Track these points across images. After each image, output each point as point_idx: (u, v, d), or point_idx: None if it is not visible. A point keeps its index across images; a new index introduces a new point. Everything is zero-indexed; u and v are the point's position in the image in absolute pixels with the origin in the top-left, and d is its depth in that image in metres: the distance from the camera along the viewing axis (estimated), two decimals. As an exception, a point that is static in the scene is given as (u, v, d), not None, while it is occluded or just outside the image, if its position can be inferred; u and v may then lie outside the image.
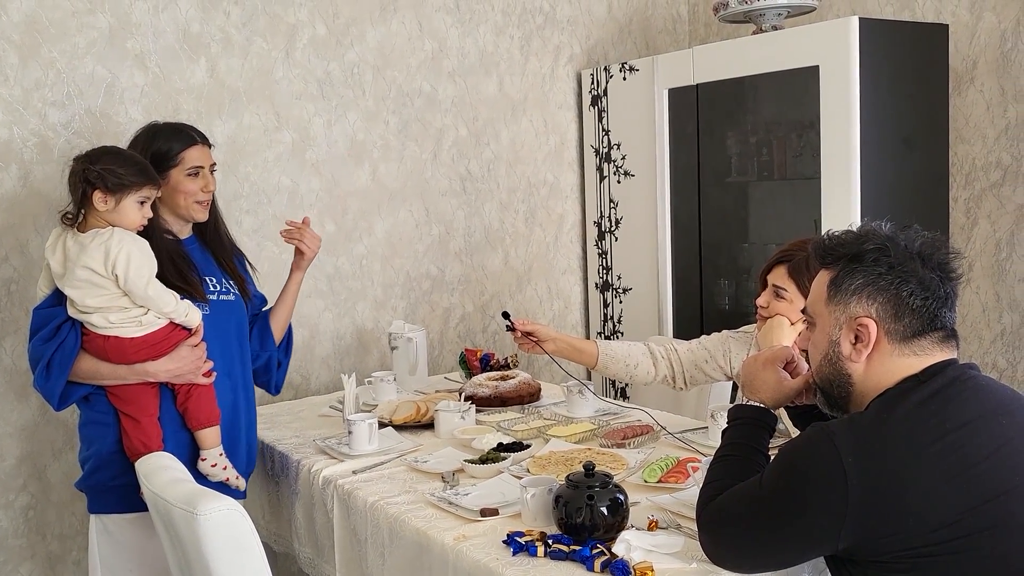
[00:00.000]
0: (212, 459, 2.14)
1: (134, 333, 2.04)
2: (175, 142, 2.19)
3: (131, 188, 2.02)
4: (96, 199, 2.00)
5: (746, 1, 3.10)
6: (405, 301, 3.35)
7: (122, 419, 2.07)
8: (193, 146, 2.20)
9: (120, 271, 1.98)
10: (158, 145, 2.17)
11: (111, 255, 1.98)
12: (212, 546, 1.63)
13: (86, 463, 2.14)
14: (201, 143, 2.23)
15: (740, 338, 2.41)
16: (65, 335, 2.02)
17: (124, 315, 2.03)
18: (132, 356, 2.04)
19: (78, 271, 1.98)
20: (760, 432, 1.63)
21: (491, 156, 3.52)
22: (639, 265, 3.55)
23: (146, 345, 2.05)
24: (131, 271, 1.99)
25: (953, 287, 1.47)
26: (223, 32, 2.91)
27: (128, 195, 2.02)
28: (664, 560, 1.55)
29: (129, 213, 2.03)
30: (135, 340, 2.04)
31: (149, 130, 2.22)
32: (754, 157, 3.25)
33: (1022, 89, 2.91)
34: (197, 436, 2.14)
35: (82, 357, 2.04)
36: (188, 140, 2.20)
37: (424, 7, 3.30)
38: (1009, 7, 2.91)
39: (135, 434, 2.06)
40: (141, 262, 2.01)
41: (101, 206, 2.01)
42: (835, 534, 1.36)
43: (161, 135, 2.20)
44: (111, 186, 2.00)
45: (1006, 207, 2.98)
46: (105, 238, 2.00)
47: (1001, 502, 1.33)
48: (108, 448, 2.08)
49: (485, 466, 2.03)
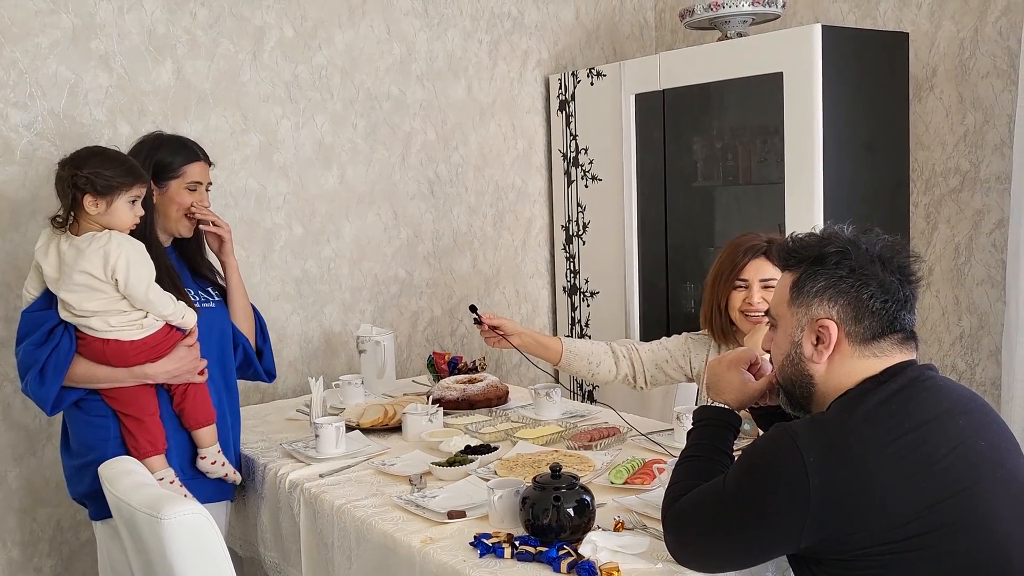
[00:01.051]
0: (211, 456, 2.17)
1: (135, 336, 2.04)
2: (178, 155, 2.23)
3: (121, 189, 2.01)
4: (87, 203, 1.99)
5: (712, 8, 3.14)
6: (373, 304, 3.35)
7: (124, 421, 2.07)
8: (196, 161, 2.25)
9: (120, 275, 1.98)
10: (161, 155, 2.21)
11: (110, 260, 1.98)
12: (177, 551, 1.61)
13: (84, 469, 2.08)
14: (203, 160, 2.27)
15: (700, 340, 2.45)
16: (59, 339, 2.01)
17: (124, 318, 2.03)
18: (133, 359, 2.05)
19: (76, 276, 1.98)
20: (724, 433, 1.65)
21: (459, 160, 3.53)
22: (606, 269, 3.57)
23: (146, 347, 2.05)
24: (131, 275, 1.99)
25: (913, 290, 1.51)
26: (189, 34, 2.89)
27: (119, 196, 2.01)
28: (630, 561, 1.57)
29: (121, 214, 2.03)
30: (135, 343, 2.04)
31: (156, 139, 2.25)
32: (719, 162, 3.28)
33: (980, 97, 2.97)
34: (195, 435, 2.16)
35: (77, 361, 2.02)
36: (192, 155, 2.25)
37: (392, 11, 3.30)
38: (967, 17, 2.98)
39: (141, 434, 2.06)
40: (141, 266, 2.02)
41: (92, 210, 2.00)
42: (797, 533, 1.38)
43: (166, 146, 2.23)
44: (101, 189, 1.99)
45: (965, 212, 3.04)
46: (103, 242, 1.99)
47: (960, 499, 1.36)
48: (112, 452, 2.05)
49: (452, 468, 2.04)
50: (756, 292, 2.26)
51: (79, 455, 2.11)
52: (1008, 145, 2.89)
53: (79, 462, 2.11)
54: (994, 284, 2.98)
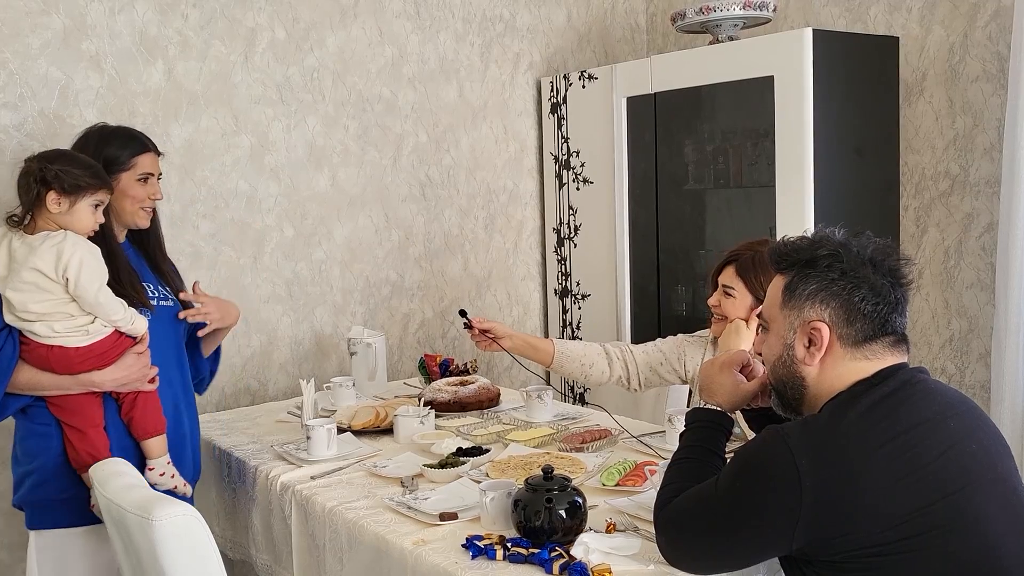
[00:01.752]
0: (160, 468, 2.09)
1: (80, 342, 1.97)
2: (127, 148, 2.16)
3: (87, 191, 1.97)
4: (50, 200, 1.94)
5: (703, 12, 3.15)
6: (364, 307, 3.34)
7: (66, 431, 2.00)
8: (145, 153, 2.19)
9: (72, 275, 1.92)
10: (110, 150, 2.14)
11: (63, 258, 1.92)
12: (168, 553, 1.61)
13: (27, 477, 2.04)
14: (153, 151, 2.22)
15: (695, 341, 2.45)
16: (2, 344, 1.94)
17: (70, 323, 1.96)
18: (78, 366, 1.98)
19: (24, 273, 1.92)
20: (717, 435, 1.65)
21: (451, 162, 3.53)
22: (597, 271, 3.58)
23: (92, 355, 1.99)
24: (83, 276, 1.93)
25: (904, 293, 1.51)
26: (181, 35, 2.88)
27: (83, 198, 1.97)
28: (622, 562, 1.57)
29: (83, 216, 1.98)
30: (80, 350, 1.97)
31: (101, 132, 2.18)
32: (711, 165, 3.29)
33: (969, 101, 2.99)
34: (144, 446, 2.08)
35: (21, 367, 1.96)
36: (140, 147, 2.19)
37: (384, 13, 3.30)
38: (957, 22, 2.99)
39: (82, 446, 1.99)
40: (94, 267, 1.96)
41: (54, 207, 1.95)
42: (789, 535, 1.38)
43: (115, 139, 2.17)
44: (67, 187, 1.95)
45: (954, 216, 3.06)
46: (57, 240, 1.94)
47: (950, 502, 1.37)
48: (53, 461, 2.01)
49: (444, 470, 2.04)
50: (716, 293, 2.32)
51: (22, 462, 2.06)
52: (997, 149, 2.90)
53: (22, 469, 2.06)
54: (983, 287, 2.99)
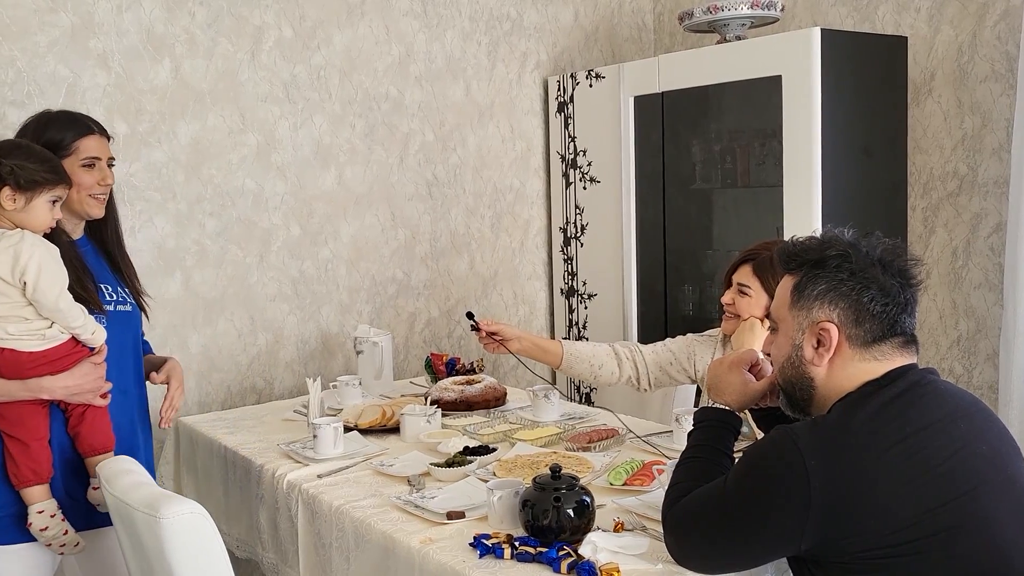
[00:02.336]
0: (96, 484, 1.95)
1: (34, 347, 1.85)
2: (68, 131, 2.01)
3: (44, 186, 1.85)
4: (4, 197, 1.82)
5: (710, 11, 3.14)
6: (370, 305, 3.34)
7: (7, 442, 1.88)
8: (89, 135, 2.03)
9: (30, 279, 1.80)
10: (51, 134, 1.99)
11: (21, 261, 1.80)
12: (175, 550, 1.61)
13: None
14: (98, 133, 2.06)
15: (705, 341, 2.44)
16: None
17: (25, 327, 1.84)
18: (29, 371, 1.85)
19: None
20: (725, 434, 1.65)
21: (457, 161, 3.53)
22: (604, 271, 3.57)
23: (45, 360, 1.86)
24: (42, 280, 1.81)
25: (913, 293, 1.51)
26: (188, 33, 2.88)
27: (40, 194, 1.85)
28: (630, 561, 1.56)
29: (40, 214, 1.86)
30: (34, 354, 1.85)
31: (41, 118, 2.04)
32: (718, 165, 3.29)
33: (978, 101, 2.98)
34: (88, 463, 1.96)
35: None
36: (84, 129, 2.03)
37: (391, 11, 3.30)
38: (966, 21, 2.98)
39: (23, 460, 1.86)
40: (54, 271, 1.84)
41: (9, 204, 1.83)
42: (798, 535, 1.38)
43: (54, 123, 2.02)
44: (23, 183, 1.82)
45: (962, 216, 3.05)
46: (14, 241, 1.82)
47: (960, 503, 1.36)
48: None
49: (451, 469, 2.03)
50: (730, 291, 2.31)
51: None
52: (1006, 149, 2.89)
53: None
54: (992, 288, 2.98)
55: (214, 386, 3.01)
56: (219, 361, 3.02)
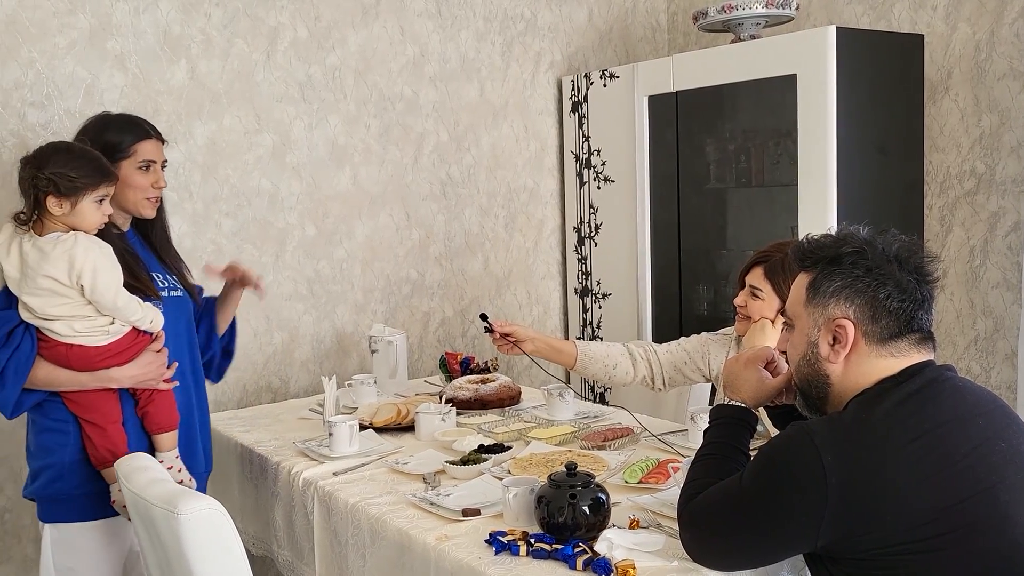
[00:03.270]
0: (169, 462, 2.07)
1: (100, 342, 1.96)
2: (128, 134, 2.09)
3: (86, 190, 1.90)
4: (51, 204, 1.89)
5: (725, 10, 3.14)
6: (385, 305, 3.35)
7: (85, 427, 1.99)
8: (147, 140, 2.11)
9: (87, 282, 1.89)
10: (109, 136, 2.07)
11: (76, 265, 1.88)
12: (192, 545, 1.62)
13: (42, 471, 2.03)
14: (155, 138, 2.14)
15: (719, 340, 2.44)
16: (19, 341, 1.92)
17: (89, 323, 1.94)
18: (98, 364, 1.97)
19: (40, 280, 1.88)
20: (741, 431, 1.65)
21: (472, 161, 3.53)
22: (618, 270, 3.57)
23: (111, 353, 1.98)
24: (99, 282, 1.90)
25: (930, 290, 1.50)
26: (204, 34, 2.90)
27: (84, 197, 1.91)
28: (645, 558, 1.56)
29: (87, 215, 1.92)
30: (100, 348, 1.96)
31: (101, 120, 2.12)
32: (732, 164, 3.28)
33: (996, 99, 2.96)
34: (155, 439, 2.07)
35: (39, 364, 1.94)
36: (142, 133, 2.11)
37: (406, 12, 3.31)
38: (983, 18, 2.97)
39: (101, 443, 1.98)
40: (109, 272, 1.92)
41: (57, 211, 1.89)
42: (814, 532, 1.37)
43: (113, 126, 2.10)
44: (64, 191, 1.88)
45: (980, 215, 3.03)
46: (68, 246, 1.89)
47: (978, 501, 1.35)
48: (70, 457, 2.00)
49: (466, 467, 2.04)
50: (742, 293, 2.30)
51: (37, 457, 2.05)
52: (1024, 147, 2.88)
53: (37, 464, 2.05)
54: (1010, 287, 2.96)
55: (230, 385, 3.02)
56: (235, 360, 3.00)
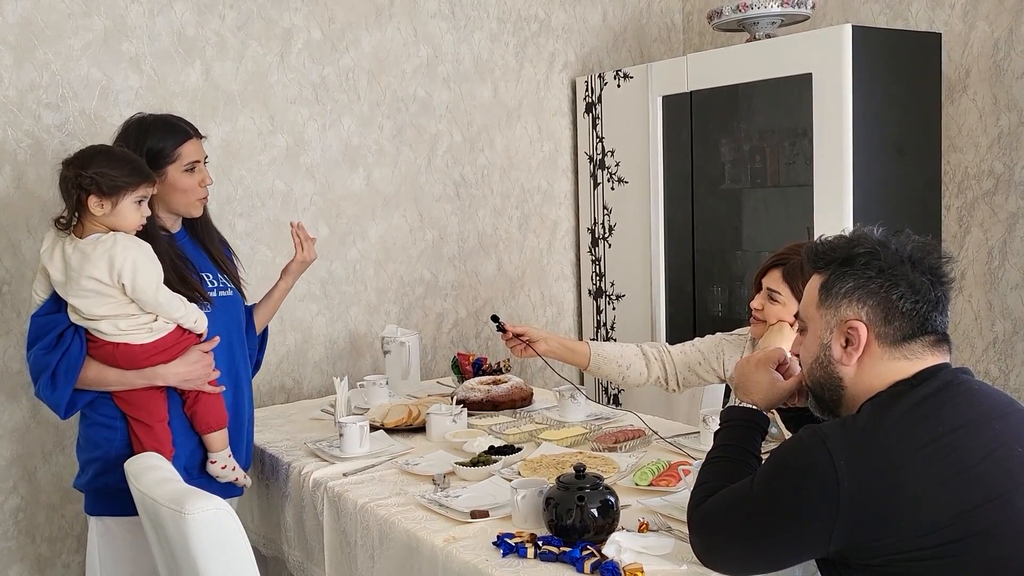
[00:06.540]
0: (222, 461, 2.13)
1: (145, 339, 2.00)
2: (168, 139, 2.11)
3: (127, 189, 1.95)
4: (92, 204, 1.93)
5: (740, 9, 3.12)
6: (398, 306, 3.35)
7: (133, 425, 2.03)
8: (188, 141, 2.14)
9: (127, 280, 1.93)
10: (151, 143, 2.10)
11: (116, 264, 1.92)
12: (200, 545, 1.62)
13: (90, 464, 2.08)
14: (195, 136, 2.17)
15: (734, 341, 2.42)
16: (69, 343, 1.96)
17: (134, 322, 1.98)
18: (143, 361, 2.01)
19: (83, 281, 1.92)
20: (752, 434, 1.63)
21: (485, 162, 3.53)
22: (632, 272, 3.55)
23: (157, 350, 2.01)
24: (139, 280, 1.93)
25: (944, 291, 1.47)
26: (218, 35, 2.91)
27: (124, 197, 1.95)
28: (654, 562, 1.55)
29: (127, 215, 1.96)
30: (146, 346, 2.00)
31: (140, 125, 2.13)
32: (747, 164, 3.26)
33: (1014, 98, 2.92)
34: (206, 440, 2.11)
35: (88, 364, 1.98)
36: (182, 135, 2.14)
37: (419, 13, 3.31)
38: (1002, 17, 2.93)
39: (148, 440, 2.02)
40: (148, 269, 1.96)
41: (98, 211, 1.94)
42: (826, 536, 1.35)
43: (153, 131, 2.12)
44: (106, 190, 1.93)
45: (998, 215, 2.99)
46: (108, 246, 1.93)
47: (995, 506, 1.33)
48: (117, 452, 2.03)
49: (476, 468, 2.03)
50: (759, 296, 2.28)
51: (85, 450, 2.10)
52: (1043, 147, 2.84)
53: (86, 456, 2.10)
54: (1028, 289, 2.93)
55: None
56: (248, 361, 3.04)
